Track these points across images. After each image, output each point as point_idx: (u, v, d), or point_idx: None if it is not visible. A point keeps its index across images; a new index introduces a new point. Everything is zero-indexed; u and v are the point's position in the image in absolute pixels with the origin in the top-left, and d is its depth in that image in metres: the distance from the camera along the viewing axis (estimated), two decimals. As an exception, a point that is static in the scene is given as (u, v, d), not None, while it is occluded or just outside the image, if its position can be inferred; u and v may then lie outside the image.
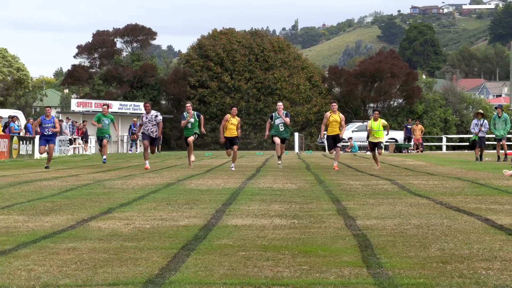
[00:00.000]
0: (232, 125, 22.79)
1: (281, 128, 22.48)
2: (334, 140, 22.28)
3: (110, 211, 12.24)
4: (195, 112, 25.08)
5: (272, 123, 22.87)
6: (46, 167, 24.53)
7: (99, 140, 31.77)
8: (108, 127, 32.75)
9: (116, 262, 6.83)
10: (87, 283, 5.87)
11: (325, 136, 22.70)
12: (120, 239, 8.59)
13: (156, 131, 22.66)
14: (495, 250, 7.43)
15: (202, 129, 25.04)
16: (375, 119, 22.50)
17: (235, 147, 23.00)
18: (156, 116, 22.49)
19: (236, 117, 23.23)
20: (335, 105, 22.91)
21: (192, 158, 25.71)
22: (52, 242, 8.48)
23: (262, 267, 6.49)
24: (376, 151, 22.88)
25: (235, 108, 23.78)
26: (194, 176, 22.85)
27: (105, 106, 34.25)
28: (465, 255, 7.28)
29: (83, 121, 60.39)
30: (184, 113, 25.21)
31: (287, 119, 22.30)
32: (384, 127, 23.01)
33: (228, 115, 23.52)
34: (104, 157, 33.09)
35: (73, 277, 6.08)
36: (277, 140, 22.81)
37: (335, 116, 21.82)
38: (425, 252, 7.44)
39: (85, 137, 57.62)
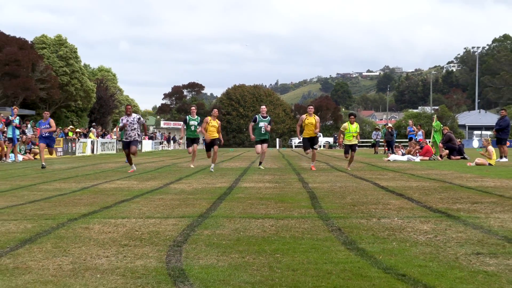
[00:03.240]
0: (212, 127, 18.98)
1: (263, 131, 19.41)
2: (311, 142, 19.06)
3: (180, 179, 15.34)
4: (198, 117, 20.96)
5: (254, 126, 19.53)
6: (42, 167, 20.35)
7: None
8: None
9: (183, 206, 9.12)
10: (169, 216, 7.86)
11: (302, 138, 19.35)
12: (185, 194, 11.16)
13: (135, 134, 18.01)
14: (379, 199, 9.91)
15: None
16: (352, 122, 19.34)
17: (216, 147, 19.24)
18: (139, 118, 18.12)
19: (217, 119, 19.36)
20: (311, 108, 19.69)
21: (192, 164, 21.00)
22: (151, 195, 10.96)
23: (259, 208, 8.72)
24: (351, 153, 19.51)
25: (216, 110, 19.81)
26: (224, 161, 26.95)
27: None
28: (364, 201, 9.58)
29: (169, 132, 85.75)
30: (188, 116, 21.26)
31: (269, 127, 19.44)
32: (357, 131, 19.92)
33: (208, 117, 19.43)
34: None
35: (161, 213, 8.22)
36: (258, 148, 19.76)
37: (310, 119, 18.71)
38: (343, 200, 9.83)
39: (168, 141, 78.72)
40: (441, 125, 30.41)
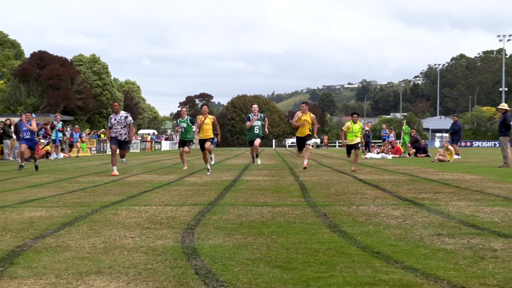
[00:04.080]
0: (206, 125, 14.90)
1: (256, 130, 16.10)
2: (303, 141, 15.83)
3: (193, 173, 15.12)
4: (189, 117, 17.01)
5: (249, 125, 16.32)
6: (20, 166, 16.87)
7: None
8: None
9: (195, 195, 9.11)
10: (183, 204, 7.87)
11: (295, 137, 16.16)
12: (197, 185, 11.06)
13: (126, 133, 14.46)
14: (358, 190, 9.85)
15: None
16: (355, 122, 15.96)
17: (207, 144, 15.13)
18: (126, 117, 14.42)
19: (209, 116, 15.19)
20: (304, 106, 15.84)
21: (185, 166, 17.21)
22: (168, 186, 10.90)
23: (259, 197, 8.72)
24: (354, 152, 15.99)
25: (205, 107, 15.53)
26: (229, 158, 27.03)
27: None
28: (345, 192, 9.54)
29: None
30: (179, 119, 17.57)
31: (267, 131, 16.44)
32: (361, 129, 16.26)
33: (199, 116, 15.37)
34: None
35: (177, 201, 8.23)
36: (255, 143, 16.34)
37: (306, 116, 15.33)
38: (328, 191, 9.80)
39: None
40: (409, 129, 30.66)
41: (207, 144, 15.09)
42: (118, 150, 14.61)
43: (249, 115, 16.54)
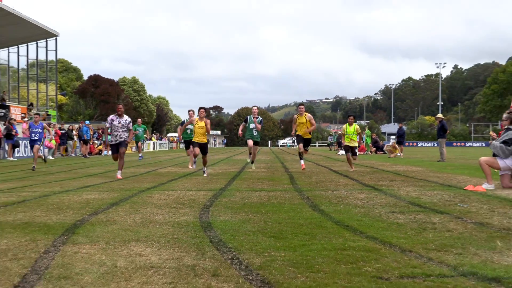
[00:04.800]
0: (200, 128, 10.86)
1: (254, 133, 12.45)
2: (304, 140, 12.25)
3: (208, 167, 14.28)
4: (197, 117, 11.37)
5: (246, 125, 12.84)
6: (32, 168, 13.00)
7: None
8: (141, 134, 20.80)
9: (210, 183, 9.03)
10: (201, 189, 7.82)
11: (295, 135, 12.38)
12: (211, 175, 10.91)
13: (126, 137, 10.79)
14: (332, 178, 9.79)
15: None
16: (350, 124, 12.66)
17: (205, 158, 11.04)
18: (130, 122, 11.02)
19: (204, 119, 10.99)
20: (301, 108, 12.41)
21: (190, 166, 13.55)
22: (190, 176, 10.69)
23: (258, 184, 8.65)
24: (351, 156, 12.34)
25: (202, 110, 11.12)
26: (235, 155, 26.25)
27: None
28: (323, 180, 9.47)
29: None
30: (185, 119, 13.88)
31: (259, 126, 12.58)
32: (358, 132, 12.81)
33: (195, 118, 11.25)
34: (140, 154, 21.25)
35: (196, 187, 8.17)
36: (250, 142, 12.53)
37: (301, 118, 12.04)
38: (310, 179, 9.73)
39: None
40: (371, 133, 30.79)
41: (204, 159, 10.96)
42: (119, 151, 10.70)
43: (248, 116, 13.21)
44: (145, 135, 22.00)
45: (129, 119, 10.85)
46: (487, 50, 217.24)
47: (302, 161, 12.41)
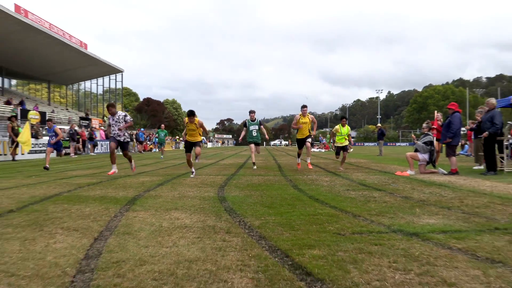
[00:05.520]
0: (191, 130, 7.08)
1: (254, 134, 9.49)
2: (303, 141, 8.86)
3: (223, 159, 14.49)
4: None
5: (247, 129, 9.63)
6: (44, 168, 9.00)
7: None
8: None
9: (224, 170, 8.84)
10: (218, 174, 7.60)
11: (296, 139, 9.01)
12: (226, 165, 10.61)
13: (124, 134, 7.27)
14: (307, 168, 9.21)
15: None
16: (343, 125, 9.23)
17: (197, 148, 7.20)
18: (125, 115, 7.21)
19: (196, 119, 7.00)
20: (305, 109, 8.66)
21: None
22: (211, 166, 10.40)
23: (257, 171, 8.44)
24: (343, 153, 9.20)
25: (192, 116, 6.84)
26: (241, 152, 25.96)
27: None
28: (301, 169, 8.97)
29: (222, 141, 78.02)
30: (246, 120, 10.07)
31: (263, 129, 9.69)
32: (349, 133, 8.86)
33: (185, 118, 7.28)
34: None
35: (216, 173, 7.95)
36: (252, 147, 9.64)
37: (304, 119, 8.63)
38: (292, 168, 9.52)
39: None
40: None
41: (197, 149, 7.37)
42: (119, 150, 7.75)
43: (246, 121, 9.81)
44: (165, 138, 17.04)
45: (124, 113, 7.56)
46: (410, 81, 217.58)
47: (298, 159, 9.34)
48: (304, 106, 8.73)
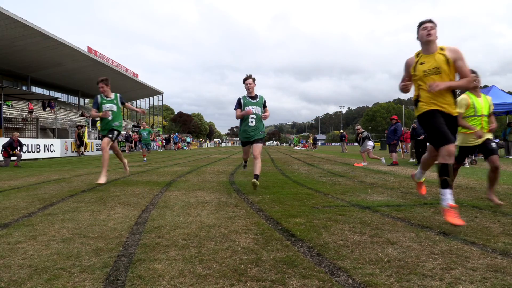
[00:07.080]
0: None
1: (253, 123, 1.90)
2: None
3: (233, 154, 13.76)
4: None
5: (243, 119, 2.00)
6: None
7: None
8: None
9: (234, 162, 8.61)
10: (229, 165, 7.41)
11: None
12: (234, 159, 10.19)
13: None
14: (293, 161, 9.04)
15: None
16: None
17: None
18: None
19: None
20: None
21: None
22: (224, 160, 10.03)
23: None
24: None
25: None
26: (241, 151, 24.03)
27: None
28: (288, 162, 8.87)
29: (232, 142, 71.13)
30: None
31: (266, 115, 2.02)
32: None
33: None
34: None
35: (227, 165, 7.54)
36: (245, 152, 2.58)
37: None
38: (282, 161, 9.19)
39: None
40: (311, 138, 30.43)
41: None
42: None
43: (240, 97, 2.87)
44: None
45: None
46: (363, 100, 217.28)
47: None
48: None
